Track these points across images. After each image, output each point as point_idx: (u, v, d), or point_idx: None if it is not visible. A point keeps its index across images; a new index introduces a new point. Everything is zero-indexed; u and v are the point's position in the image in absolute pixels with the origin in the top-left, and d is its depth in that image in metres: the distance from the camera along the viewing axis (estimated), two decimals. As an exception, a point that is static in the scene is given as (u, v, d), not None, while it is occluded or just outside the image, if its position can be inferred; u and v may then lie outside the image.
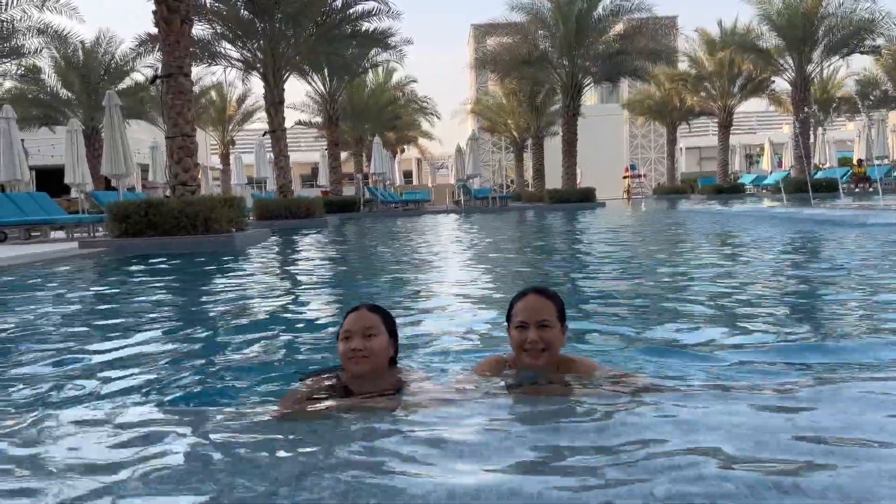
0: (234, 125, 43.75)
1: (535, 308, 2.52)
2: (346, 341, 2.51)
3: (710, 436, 2.00)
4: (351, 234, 17.54)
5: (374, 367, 2.52)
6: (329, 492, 1.74)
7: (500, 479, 1.75)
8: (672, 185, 45.84)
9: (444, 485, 1.72)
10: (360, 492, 1.72)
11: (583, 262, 8.72)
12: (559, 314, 2.54)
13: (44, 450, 2.19)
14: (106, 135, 16.00)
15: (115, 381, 3.16)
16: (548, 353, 2.51)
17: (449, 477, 1.78)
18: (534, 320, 2.50)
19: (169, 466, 2.02)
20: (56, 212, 16.80)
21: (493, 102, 44.31)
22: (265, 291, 6.93)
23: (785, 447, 1.91)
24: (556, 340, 2.52)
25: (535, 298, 2.55)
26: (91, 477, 1.93)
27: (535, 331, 2.50)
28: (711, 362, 3.11)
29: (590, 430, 2.14)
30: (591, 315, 4.45)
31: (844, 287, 5.53)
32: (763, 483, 1.64)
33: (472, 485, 1.71)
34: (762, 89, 38.62)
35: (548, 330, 2.49)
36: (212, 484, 1.87)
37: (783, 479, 1.68)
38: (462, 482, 1.73)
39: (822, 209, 16.15)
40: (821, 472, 1.74)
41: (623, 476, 1.74)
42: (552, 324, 2.50)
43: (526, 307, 2.54)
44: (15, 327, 4.90)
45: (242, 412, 2.54)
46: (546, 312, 2.52)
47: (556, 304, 2.56)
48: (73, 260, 10.41)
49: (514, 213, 27.25)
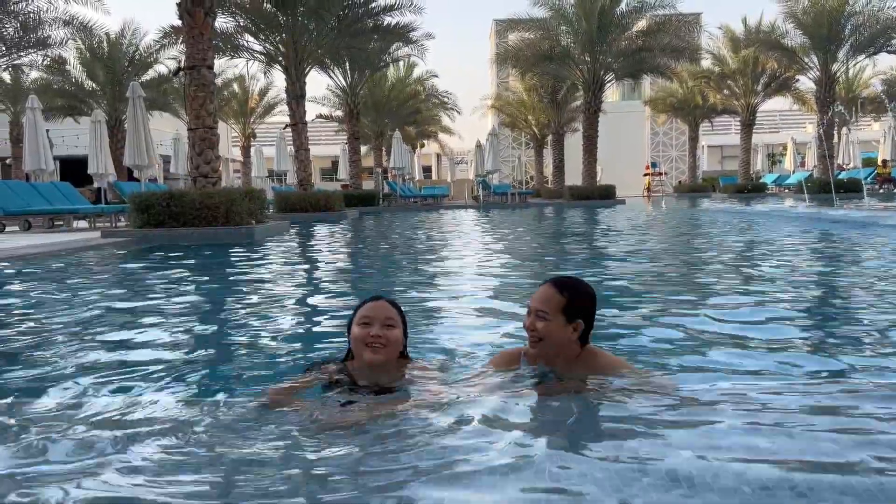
0: (256, 118, 43.99)
1: (539, 297, 2.52)
2: (364, 327, 2.52)
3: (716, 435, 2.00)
4: (369, 227, 17.60)
5: (389, 358, 2.55)
6: (335, 486, 1.75)
7: (503, 479, 1.76)
8: (693, 183, 45.48)
9: (439, 482, 1.73)
10: (364, 487, 1.74)
11: (603, 260, 8.68)
12: (565, 309, 2.47)
13: (58, 432, 2.23)
14: (129, 126, 16.16)
15: (133, 368, 3.21)
16: (543, 343, 2.50)
17: (444, 477, 1.79)
18: (533, 308, 2.51)
19: (183, 452, 2.05)
20: (79, 201, 17.01)
21: (513, 98, 44.16)
22: (283, 283, 6.98)
23: (806, 449, 1.90)
24: (551, 334, 2.47)
25: (545, 288, 2.54)
26: (106, 459, 1.96)
27: (531, 318, 2.51)
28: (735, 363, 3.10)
29: (584, 429, 2.15)
30: (613, 312, 4.44)
31: (867, 289, 5.47)
32: (778, 485, 1.64)
33: (468, 486, 1.72)
34: (786, 88, 38.16)
35: (541, 321, 2.48)
36: (223, 472, 1.90)
37: (799, 479, 1.67)
38: (459, 484, 1.75)
39: (844, 210, 15.94)
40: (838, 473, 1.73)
41: (629, 476, 1.74)
42: (547, 316, 2.47)
43: (535, 294, 2.55)
44: (37, 313, 4.98)
45: (251, 402, 2.56)
46: (546, 304, 2.49)
47: (566, 298, 2.49)
48: (95, 249, 10.53)
49: (533, 210, 27.17)
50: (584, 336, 2.54)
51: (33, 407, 2.59)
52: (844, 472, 1.75)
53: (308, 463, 1.95)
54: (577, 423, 2.25)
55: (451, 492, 1.66)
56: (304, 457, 2.00)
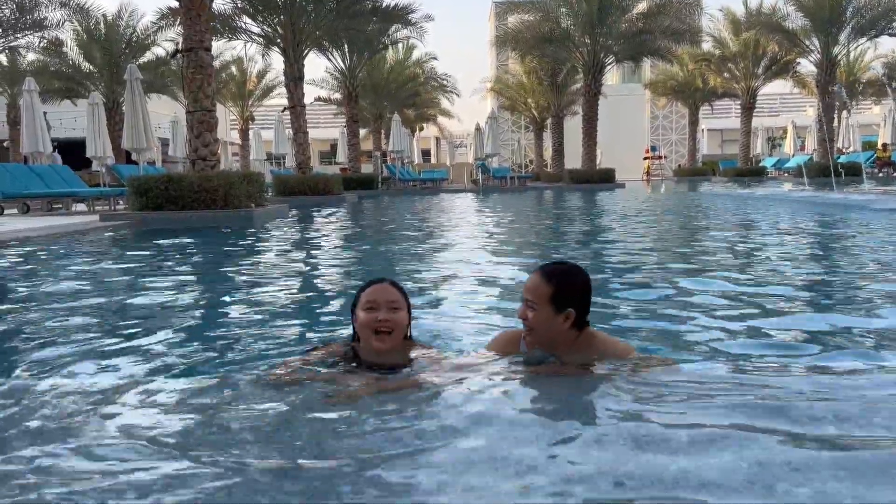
0: (254, 101, 43.79)
1: (529, 286, 2.50)
2: (370, 311, 2.51)
3: (702, 415, 2.01)
4: (369, 211, 17.58)
5: (395, 343, 2.54)
6: (338, 464, 1.77)
7: (503, 456, 1.77)
8: (693, 167, 45.41)
9: (443, 461, 1.74)
10: (368, 465, 1.75)
11: (602, 245, 8.69)
12: (553, 298, 2.43)
13: (62, 414, 2.24)
14: (127, 108, 16.08)
15: (133, 349, 3.22)
16: (535, 332, 2.48)
17: (448, 455, 1.81)
18: (524, 297, 2.51)
19: (181, 433, 2.06)
20: (77, 184, 16.97)
21: (513, 81, 43.96)
22: (282, 266, 6.98)
23: (800, 427, 1.92)
24: (539, 323, 2.45)
25: (534, 276, 2.51)
26: (106, 441, 1.97)
27: (522, 306, 2.51)
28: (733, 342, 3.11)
29: (579, 411, 2.16)
30: (611, 297, 4.45)
31: (868, 271, 5.48)
32: (774, 463, 1.65)
33: (474, 463, 1.73)
34: (787, 71, 37.97)
35: (531, 310, 2.46)
36: (225, 450, 1.91)
37: (796, 457, 1.69)
38: (463, 461, 1.76)
39: (843, 193, 15.94)
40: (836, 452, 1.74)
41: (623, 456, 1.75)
42: (535, 306, 2.44)
43: (526, 283, 2.54)
44: (36, 296, 4.98)
45: (255, 381, 2.58)
46: (533, 293, 2.46)
47: (554, 287, 2.43)
48: (94, 232, 10.53)
49: (532, 193, 27.14)
50: (580, 321, 2.49)
51: (34, 388, 2.60)
52: (841, 449, 1.76)
53: (311, 436, 1.96)
54: (573, 405, 2.26)
55: (450, 472, 1.68)
56: (308, 430, 2.01)
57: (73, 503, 1.59)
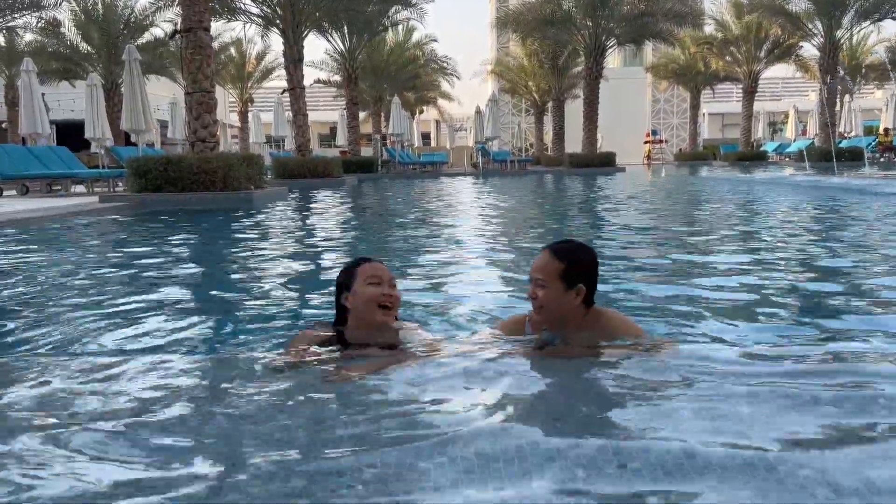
0: (253, 83, 43.55)
1: (538, 265, 2.49)
2: (376, 286, 2.50)
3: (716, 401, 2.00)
4: (369, 194, 17.54)
5: (394, 317, 2.57)
6: (340, 444, 1.76)
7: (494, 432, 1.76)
8: (694, 151, 45.28)
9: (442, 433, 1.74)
10: (371, 446, 1.74)
11: (602, 229, 8.67)
12: (564, 275, 2.43)
13: (61, 397, 2.24)
14: (125, 90, 15.99)
15: (131, 331, 3.21)
16: (546, 311, 2.48)
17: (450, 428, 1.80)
18: (533, 276, 2.50)
19: (180, 414, 2.05)
20: (76, 166, 16.91)
21: (514, 63, 43.71)
22: (282, 248, 6.97)
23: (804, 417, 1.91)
24: (550, 301, 2.44)
25: (543, 255, 2.51)
26: (103, 422, 1.97)
27: (532, 286, 2.50)
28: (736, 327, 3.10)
29: (582, 392, 2.15)
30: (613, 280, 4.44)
31: (867, 257, 5.47)
32: (777, 445, 1.65)
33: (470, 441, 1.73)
34: (789, 55, 37.77)
35: (541, 288, 2.45)
36: (224, 432, 1.90)
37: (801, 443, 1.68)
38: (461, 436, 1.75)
39: (845, 178, 15.90)
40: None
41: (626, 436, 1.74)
42: (545, 283, 2.44)
43: (534, 262, 2.53)
44: (36, 278, 4.97)
45: (253, 362, 2.57)
46: (542, 271, 2.46)
47: (564, 264, 2.44)
48: (93, 214, 10.50)
49: (532, 177, 27.08)
50: (589, 299, 2.50)
51: (33, 368, 2.59)
52: (844, 432, 1.76)
53: (311, 417, 1.95)
54: (577, 386, 2.25)
55: (449, 455, 1.67)
56: (307, 411, 2.00)
57: (69, 477, 1.58)
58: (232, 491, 1.50)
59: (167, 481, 1.57)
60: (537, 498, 1.41)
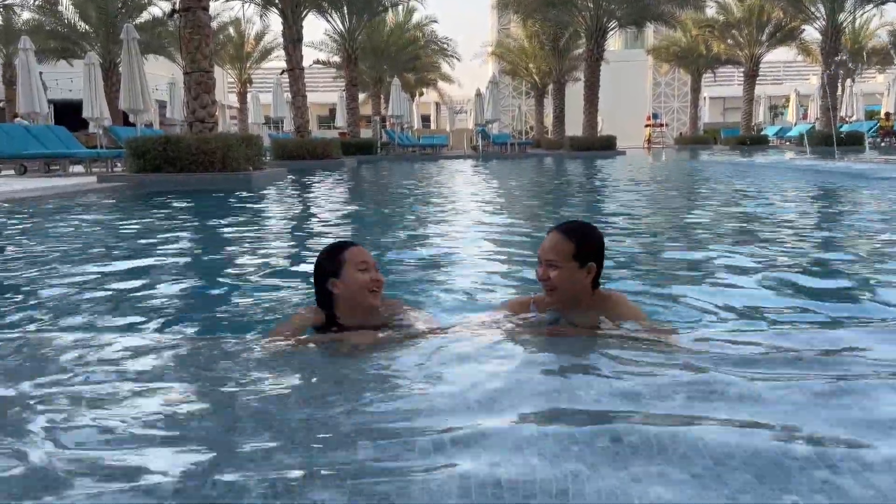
0: (252, 63, 43.32)
1: (548, 246, 2.51)
2: (364, 272, 2.51)
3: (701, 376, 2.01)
4: (368, 176, 17.50)
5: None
6: (337, 426, 1.76)
7: (500, 420, 1.77)
8: (694, 135, 45.14)
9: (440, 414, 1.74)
10: (364, 414, 1.75)
11: (604, 212, 8.66)
12: (575, 254, 2.46)
13: (55, 376, 2.24)
14: (123, 69, 15.89)
15: (126, 310, 3.22)
16: (558, 292, 2.50)
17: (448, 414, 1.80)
18: (543, 258, 2.51)
19: (175, 393, 2.06)
20: (74, 146, 16.85)
21: (514, 45, 43.44)
22: (281, 229, 6.96)
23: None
24: (563, 281, 2.47)
25: (552, 236, 2.53)
26: (98, 401, 1.97)
27: (542, 268, 2.51)
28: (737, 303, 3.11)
29: (584, 371, 2.16)
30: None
31: (863, 240, 5.47)
32: (773, 424, 1.66)
33: (473, 423, 1.73)
34: (791, 38, 37.54)
35: (552, 269, 2.47)
36: (218, 413, 1.91)
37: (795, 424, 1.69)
38: (462, 422, 1.76)
39: (846, 162, 15.87)
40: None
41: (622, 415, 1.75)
42: (558, 264, 2.46)
43: (543, 244, 2.54)
44: (34, 257, 4.97)
45: (247, 343, 2.57)
46: (554, 252, 2.47)
47: (575, 244, 2.47)
48: (91, 193, 10.48)
49: (532, 160, 27.01)
50: (595, 279, 2.53)
51: (28, 347, 2.59)
52: (839, 408, 1.76)
53: (309, 393, 1.96)
54: (578, 366, 2.26)
55: (451, 421, 1.67)
56: (304, 387, 2.01)
57: (60, 447, 1.59)
58: (231, 464, 1.51)
59: (165, 456, 1.58)
60: (530, 471, 1.42)
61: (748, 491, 1.34)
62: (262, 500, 1.35)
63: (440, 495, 1.33)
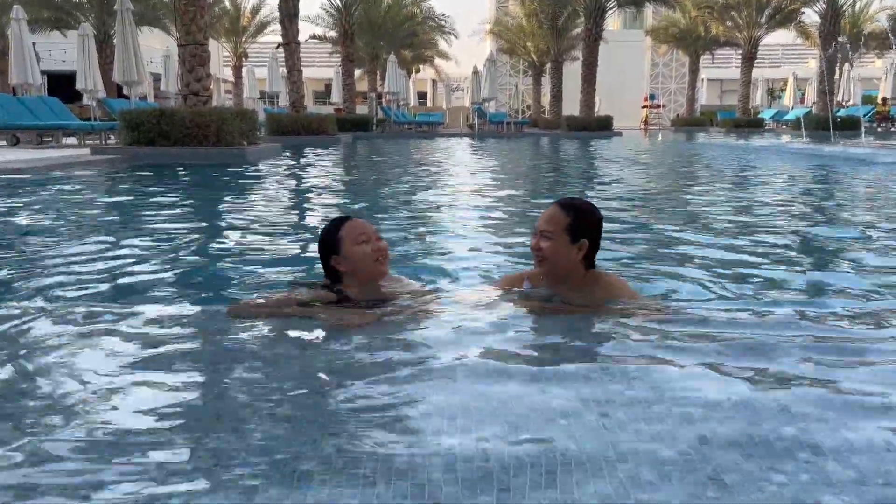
0: (248, 37, 42.89)
1: (545, 217, 2.53)
2: (365, 244, 2.51)
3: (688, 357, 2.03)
4: (363, 152, 17.42)
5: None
6: (328, 405, 1.78)
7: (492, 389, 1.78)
8: (691, 116, 45.02)
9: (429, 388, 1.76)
10: (360, 388, 1.76)
11: (597, 193, 8.66)
12: (570, 228, 2.48)
13: (49, 349, 2.25)
14: (118, 40, 15.72)
15: (118, 281, 3.22)
16: (548, 263, 2.51)
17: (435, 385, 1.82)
18: (539, 228, 2.53)
19: (168, 362, 2.07)
20: (68, 117, 16.71)
21: (512, 23, 43.08)
22: (275, 204, 6.94)
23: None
24: (555, 253, 2.49)
25: (551, 209, 2.55)
26: (90, 371, 1.98)
27: (535, 237, 2.53)
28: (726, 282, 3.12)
29: (576, 347, 2.17)
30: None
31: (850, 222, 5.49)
32: (759, 401, 1.67)
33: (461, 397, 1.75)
34: (790, 20, 37.29)
35: (546, 240, 2.49)
36: (213, 381, 1.92)
37: (780, 396, 1.70)
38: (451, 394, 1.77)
39: (841, 147, 15.87)
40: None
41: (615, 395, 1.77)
42: (552, 235, 2.48)
43: (541, 215, 2.57)
44: (26, 228, 4.95)
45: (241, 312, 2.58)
46: (550, 223, 2.49)
47: (571, 217, 2.49)
48: (84, 166, 10.42)
49: (529, 140, 26.92)
50: (590, 258, 2.54)
51: (19, 321, 2.59)
52: (825, 389, 1.78)
53: (307, 365, 1.97)
54: (568, 342, 2.28)
55: (440, 404, 1.69)
56: (305, 359, 2.02)
57: (48, 424, 1.60)
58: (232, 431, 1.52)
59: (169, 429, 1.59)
60: (519, 446, 1.43)
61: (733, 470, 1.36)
62: (255, 474, 1.36)
63: (427, 470, 1.35)
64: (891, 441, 1.48)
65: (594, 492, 1.26)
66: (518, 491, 1.26)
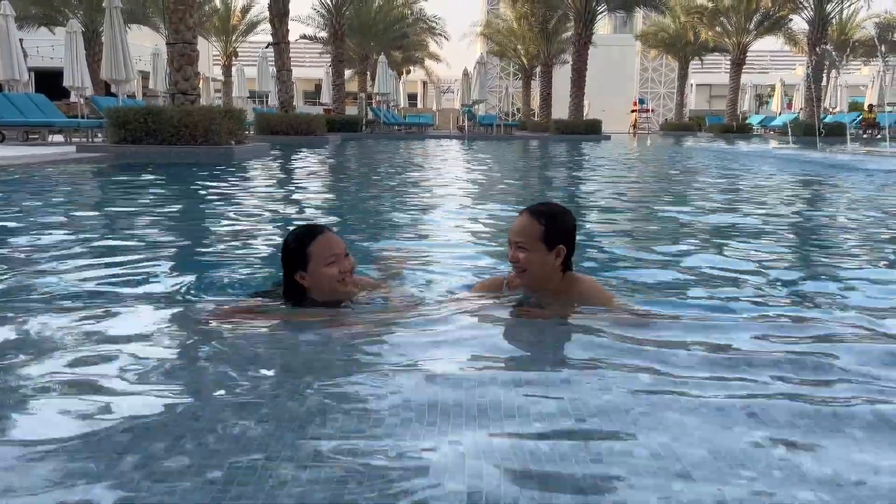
0: (238, 36, 42.74)
1: (517, 228, 2.51)
2: (332, 266, 2.43)
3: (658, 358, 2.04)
4: (352, 153, 17.41)
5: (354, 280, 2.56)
6: (301, 406, 1.78)
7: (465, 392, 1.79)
8: (679, 121, 45.23)
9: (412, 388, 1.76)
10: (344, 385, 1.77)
11: (582, 197, 8.69)
12: (545, 237, 2.46)
13: (36, 345, 2.24)
14: (106, 37, 15.64)
15: (102, 279, 3.20)
16: (527, 273, 2.50)
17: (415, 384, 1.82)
18: (513, 240, 2.51)
19: (154, 360, 2.06)
20: (55, 115, 16.59)
21: (503, 26, 43.14)
22: (260, 205, 6.92)
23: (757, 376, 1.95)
24: (533, 263, 2.47)
25: (522, 218, 2.52)
26: (81, 368, 1.97)
27: (512, 250, 2.52)
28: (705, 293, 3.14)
29: (554, 351, 2.18)
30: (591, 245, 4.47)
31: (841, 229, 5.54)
32: (734, 408, 1.69)
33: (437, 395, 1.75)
34: (779, 27, 37.57)
35: (523, 251, 2.47)
36: (200, 378, 1.92)
37: (753, 403, 1.72)
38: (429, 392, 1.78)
39: (827, 153, 16.00)
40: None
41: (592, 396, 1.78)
42: (528, 246, 2.46)
43: (513, 226, 2.55)
44: (7, 225, 4.92)
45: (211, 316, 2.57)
46: (523, 234, 2.47)
47: (545, 226, 2.46)
48: (70, 163, 10.36)
49: (518, 143, 26.96)
50: (566, 261, 2.54)
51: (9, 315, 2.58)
52: (799, 399, 1.80)
53: (284, 364, 1.97)
54: (544, 348, 2.28)
55: (416, 410, 1.69)
56: (279, 359, 2.02)
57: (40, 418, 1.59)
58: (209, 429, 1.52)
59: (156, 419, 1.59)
60: (493, 448, 1.44)
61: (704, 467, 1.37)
62: (230, 473, 1.36)
63: (403, 474, 1.35)
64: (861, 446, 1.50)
65: (571, 489, 1.27)
66: (492, 494, 1.27)
